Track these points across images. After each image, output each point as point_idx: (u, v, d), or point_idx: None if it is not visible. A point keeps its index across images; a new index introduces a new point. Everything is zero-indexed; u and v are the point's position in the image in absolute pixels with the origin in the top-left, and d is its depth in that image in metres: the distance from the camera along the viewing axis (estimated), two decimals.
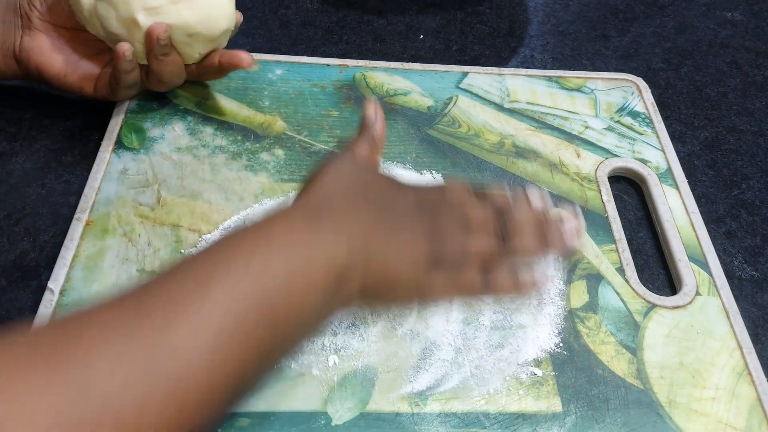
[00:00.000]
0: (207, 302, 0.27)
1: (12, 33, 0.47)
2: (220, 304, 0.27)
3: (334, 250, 0.31)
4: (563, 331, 0.42)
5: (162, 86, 0.49)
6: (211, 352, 0.26)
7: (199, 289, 0.27)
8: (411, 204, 0.36)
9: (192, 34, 0.45)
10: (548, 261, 0.41)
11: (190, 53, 0.47)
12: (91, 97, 0.49)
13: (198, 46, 0.47)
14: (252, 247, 0.30)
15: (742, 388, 0.41)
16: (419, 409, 0.38)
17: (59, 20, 0.47)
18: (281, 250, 0.30)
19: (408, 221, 0.35)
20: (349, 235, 0.32)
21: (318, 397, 0.38)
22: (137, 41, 0.45)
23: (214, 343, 0.26)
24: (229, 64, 0.48)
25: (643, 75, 0.61)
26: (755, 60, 0.66)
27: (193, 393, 0.26)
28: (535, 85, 0.58)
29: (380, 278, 0.34)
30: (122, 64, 0.45)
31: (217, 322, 0.27)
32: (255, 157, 0.49)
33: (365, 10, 0.66)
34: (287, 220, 0.32)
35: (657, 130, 0.56)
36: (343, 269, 0.31)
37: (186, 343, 0.26)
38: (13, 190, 0.47)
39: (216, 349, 0.26)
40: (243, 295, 0.28)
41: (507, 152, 0.52)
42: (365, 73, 0.57)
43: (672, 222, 0.49)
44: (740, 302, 0.45)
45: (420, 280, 0.35)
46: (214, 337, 0.26)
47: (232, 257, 0.29)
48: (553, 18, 0.69)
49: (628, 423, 0.39)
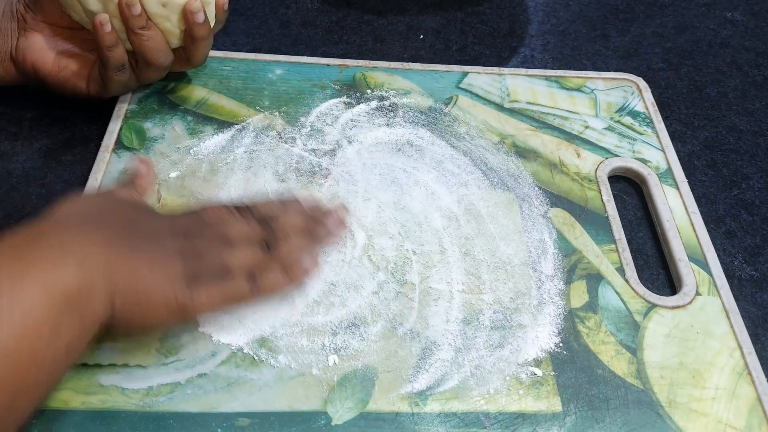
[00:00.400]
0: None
1: (9, 38, 0.48)
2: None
3: (57, 272, 0.29)
4: (563, 331, 0.42)
5: (151, 71, 0.48)
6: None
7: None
8: (162, 228, 0.36)
9: (165, 3, 0.45)
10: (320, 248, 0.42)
11: (170, 29, 0.46)
12: (86, 94, 0.49)
13: (176, 20, 0.46)
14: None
15: (742, 388, 0.41)
16: (419, 409, 0.38)
17: (52, 19, 0.48)
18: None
19: (157, 242, 0.35)
20: (80, 252, 0.30)
21: (318, 397, 0.38)
22: (115, 17, 0.45)
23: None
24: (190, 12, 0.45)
25: (643, 75, 0.61)
26: (755, 60, 0.66)
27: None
28: (535, 85, 0.58)
29: (133, 297, 0.32)
30: (102, 37, 0.44)
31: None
32: (255, 157, 0.49)
33: (365, 10, 0.66)
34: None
35: (657, 130, 0.56)
36: (76, 290, 0.29)
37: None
38: (13, 190, 0.47)
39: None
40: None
41: (507, 152, 0.52)
42: (365, 73, 0.57)
43: (672, 222, 0.49)
44: (740, 302, 0.45)
45: (179, 296, 0.34)
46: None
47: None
48: (553, 18, 0.69)
49: (628, 423, 0.39)
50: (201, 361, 0.38)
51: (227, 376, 0.38)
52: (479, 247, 0.46)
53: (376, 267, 0.44)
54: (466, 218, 0.47)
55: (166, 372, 0.38)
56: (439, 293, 0.43)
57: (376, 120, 0.53)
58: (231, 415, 0.37)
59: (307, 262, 0.39)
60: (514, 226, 0.47)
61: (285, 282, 0.38)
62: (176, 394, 0.37)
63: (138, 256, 0.33)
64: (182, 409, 0.37)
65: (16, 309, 0.28)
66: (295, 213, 0.40)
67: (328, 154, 0.50)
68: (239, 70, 0.56)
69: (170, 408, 0.37)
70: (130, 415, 0.36)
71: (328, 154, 0.50)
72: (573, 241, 0.47)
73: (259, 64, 0.56)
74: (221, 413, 0.37)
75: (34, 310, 0.28)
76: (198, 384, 0.38)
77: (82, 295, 0.30)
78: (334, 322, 0.41)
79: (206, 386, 0.38)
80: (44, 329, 0.28)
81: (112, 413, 0.36)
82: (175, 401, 0.37)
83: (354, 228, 0.46)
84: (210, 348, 0.39)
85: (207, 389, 0.37)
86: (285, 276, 0.38)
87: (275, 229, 0.39)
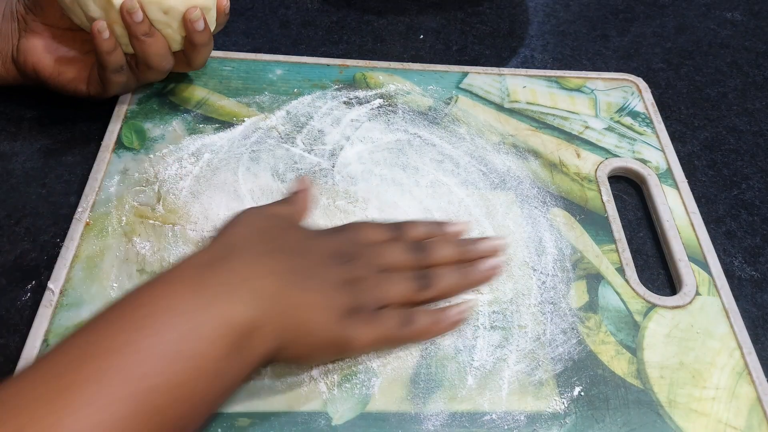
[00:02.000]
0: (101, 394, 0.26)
1: (9, 39, 0.48)
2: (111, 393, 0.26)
3: (231, 308, 0.30)
4: (563, 332, 0.42)
5: (151, 73, 0.48)
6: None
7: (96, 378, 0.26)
8: (326, 251, 0.35)
9: (167, 10, 0.45)
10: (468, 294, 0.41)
11: (171, 35, 0.47)
12: (86, 96, 0.49)
13: (177, 26, 0.46)
14: (132, 331, 0.28)
15: (742, 388, 0.41)
16: (419, 409, 0.38)
17: (53, 20, 0.48)
18: (165, 324, 0.28)
19: (323, 269, 0.34)
20: (255, 286, 0.31)
21: (318, 397, 0.38)
22: (116, 23, 0.45)
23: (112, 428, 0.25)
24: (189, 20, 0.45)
25: (643, 75, 0.61)
26: (755, 60, 0.66)
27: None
28: (535, 85, 0.58)
29: (297, 332, 0.32)
30: (100, 43, 0.44)
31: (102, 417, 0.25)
32: (255, 157, 0.49)
33: (365, 10, 0.66)
34: (177, 282, 0.30)
35: (657, 130, 0.56)
36: (248, 325, 0.30)
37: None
38: (13, 190, 0.47)
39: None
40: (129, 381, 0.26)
41: (507, 152, 0.52)
42: (365, 73, 0.57)
43: (672, 222, 0.49)
44: (740, 302, 0.45)
45: (338, 331, 0.33)
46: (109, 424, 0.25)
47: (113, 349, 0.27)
48: (553, 18, 0.69)
49: (628, 423, 0.39)
50: None
51: None
52: None
53: None
54: (467, 218, 0.47)
55: None
56: None
57: (376, 120, 0.53)
58: (231, 416, 0.37)
59: (458, 312, 0.38)
60: (514, 226, 0.47)
61: (436, 332, 0.37)
62: None
63: (306, 288, 0.33)
64: None
65: (192, 347, 0.28)
66: (447, 244, 0.39)
67: (328, 154, 0.50)
68: (239, 70, 0.56)
69: None
70: None
71: (328, 155, 0.50)
72: (573, 241, 0.47)
73: (259, 64, 0.56)
74: (221, 413, 0.37)
75: (209, 349, 0.28)
76: None
77: (250, 334, 0.30)
78: None
79: None
80: (212, 369, 0.29)
81: None
82: None
83: None
84: None
85: None
86: (436, 323, 0.37)
87: (428, 258, 0.37)
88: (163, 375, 0.27)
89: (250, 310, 0.30)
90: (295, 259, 0.34)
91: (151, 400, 0.26)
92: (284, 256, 0.33)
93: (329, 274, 0.34)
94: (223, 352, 0.29)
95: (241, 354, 0.30)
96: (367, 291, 0.35)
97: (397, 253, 0.37)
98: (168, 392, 0.27)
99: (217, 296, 0.30)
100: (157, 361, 0.27)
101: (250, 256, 0.32)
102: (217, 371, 0.29)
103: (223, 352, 0.29)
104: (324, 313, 0.33)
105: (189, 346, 0.28)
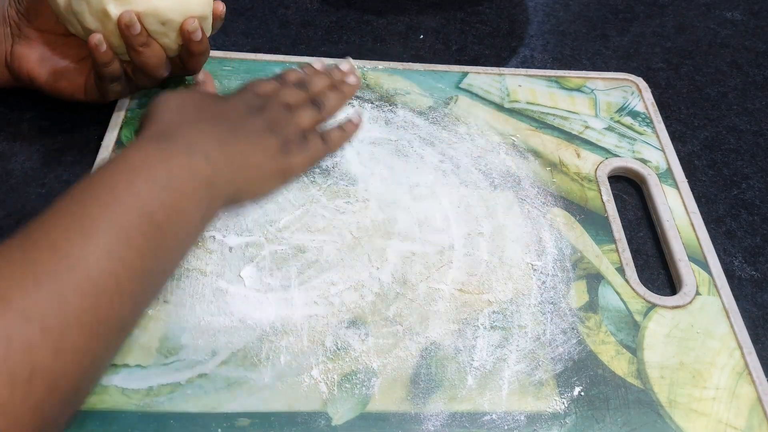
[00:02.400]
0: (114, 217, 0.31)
1: (2, 45, 0.47)
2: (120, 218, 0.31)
3: (195, 166, 0.35)
4: (563, 332, 0.42)
5: (148, 80, 0.48)
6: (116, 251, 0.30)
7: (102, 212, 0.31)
8: (241, 109, 0.41)
9: (164, 22, 0.45)
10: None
11: (168, 44, 0.47)
12: (83, 101, 0.49)
13: (174, 36, 0.46)
14: (127, 175, 0.33)
15: (743, 388, 0.41)
16: (419, 409, 0.38)
17: (47, 27, 0.47)
18: (150, 175, 0.34)
19: (247, 123, 0.40)
20: (203, 150, 0.36)
21: (318, 397, 0.38)
22: (113, 35, 0.45)
23: (117, 245, 0.31)
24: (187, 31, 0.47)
25: (643, 75, 0.61)
26: (755, 60, 0.66)
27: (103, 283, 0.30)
28: (535, 85, 0.58)
29: (247, 176, 0.38)
30: (98, 56, 0.45)
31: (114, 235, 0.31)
32: None
33: (365, 10, 0.66)
34: (143, 152, 0.35)
35: (657, 130, 0.56)
36: (208, 178, 0.35)
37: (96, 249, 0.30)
38: (13, 190, 0.47)
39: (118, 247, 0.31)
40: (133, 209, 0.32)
41: (507, 152, 0.52)
42: (365, 73, 0.57)
43: (672, 222, 0.49)
44: (740, 302, 0.45)
45: (280, 160, 0.40)
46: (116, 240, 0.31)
47: (110, 189, 0.32)
48: (553, 18, 0.69)
49: (628, 423, 0.39)
50: (201, 362, 0.38)
51: (227, 376, 0.38)
52: (479, 248, 0.46)
53: (376, 267, 0.44)
54: (466, 218, 0.47)
55: (166, 372, 0.38)
56: (440, 293, 0.43)
57: (376, 120, 0.53)
58: (231, 416, 0.37)
59: (355, 120, 0.45)
60: (514, 226, 0.47)
61: (346, 136, 0.44)
62: (176, 395, 0.37)
63: (243, 142, 0.39)
64: (182, 410, 0.37)
65: (173, 182, 0.34)
66: (320, 75, 0.46)
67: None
68: (239, 70, 0.56)
69: (170, 408, 0.37)
70: (130, 416, 0.36)
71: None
72: (573, 241, 0.47)
73: (259, 64, 0.56)
74: (221, 413, 0.37)
75: (185, 184, 0.34)
76: (198, 384, 0.38)
77: (212, 179, 0.36)
78: (335, 323, 0.41)
79: (206, 386, 0.38)
80: (193, 200, 0.35)
81: (112, 413, 0.36)
82: (176, 401, 0.37)
83: (354, 228, 0.46)
84: (210, 348, 0.39)
85: (207, 389, 0.37)
86: (344, 131, 0.44)
87: (313, 90, 0.45)
88: (158, 201, 0.33)
89: (206, 162, 0.36)
90: (223, 121, 0.40)
91: (152, 220, 0.32)
92: (214, 121, 0.39)
93: (253, 125, 0.40)
94: (197, 189, 0.35)
95: (210, 192, 0.36)
96: (286, 126, 0.42)
97: (293, 93, 0.44)
98: (163, 212, 0.33)
99: (180, 152, 0.35)
100: (151, 192, 0.33)
101: (189, 126, 0.37)
102: (196, 201, 0.35)
103: (197, 189, 0.35)
104: (261, 153, 0.39)
105: (172, 184, 0.34)
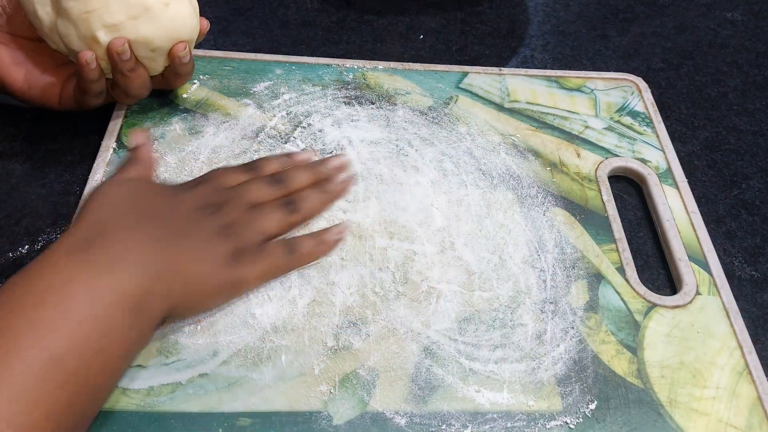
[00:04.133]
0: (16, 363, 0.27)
1: None
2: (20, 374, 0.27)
3: (122, 287, 0.31)
4: (563, 331, 0.42)
5: (129, 99, 0.48)
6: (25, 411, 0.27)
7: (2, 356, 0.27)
8: (192, 206, 0.36)
9: (154, 49, 0.45)
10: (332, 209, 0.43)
11: (155, 67, 0.47)
12: (57, 110, 0.48)
13: (162, 60, 0.46)
14: (37, 301, 0.29)
15: (743, 388, 0.41)
16: (419, 408, 0.38)
17: (20, 31, 0.46)
18: (60, 305, 0.29)
19: (196, 224, 0.35)
20: (135, 261, 0.32)
21: (318, 397, 0.38)
22: (101, 59, 0.44)
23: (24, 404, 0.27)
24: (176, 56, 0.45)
25: (643, 75, 0.61)
26: (755, 60, 0.66)
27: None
28: (535, 85, 0.58)
29: (187, 290, 0.34)
30: (87, 73, 0.43)
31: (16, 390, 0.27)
32: (256, 157, 0.49)
33: (365, 10, 0.66)
34: (61, 269, 0.31)
35: (657, 130, 0.56)
36: (138, 293, 0.31)
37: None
38: (13, 190, 0.47)
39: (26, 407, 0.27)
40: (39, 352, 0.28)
41: (507, 152, 0.52)
42: (365, 73, 0.57)
43: (672, 222, 0.49)
44: (740, 302, 0.45)
45: (228, 274, 0.35)
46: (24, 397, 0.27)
47: (16, 326, 0.28)
48: (553, 18, 0.69)
49: (628, 422, 0.39)
50: (202, 361, 0.38)
51: (228, 375, 0.38)
52: (480, 247, 0.46)
53: (376, 267, 0.44)
54: (467, 218, 0.47)
55: (167, 372, 0.38)
56: (440, 293, 0.43)
57: (376, 120, 0.53)
58: (232, 415, 0.37)
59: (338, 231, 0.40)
60: (514, 225, 0.47)
61: (320, 253, 0.40)
62: (177, 394, 0.37)
63: (185, 246, 0.34)
64: (183, 409, 0.37)
65: (92, 314, 0.29)
66: (302, 169, 0.41)
67: (328, 154, 0.50)
68: (239, 70, 0.56)
69: (171, 408, 0.37)
70: (131, 415, 0.36)
71: (328, 154, 0.50)
72: (573, 240, 0.47)
73: (259, 64, 0.56)
74: (222, 413, 0.37)
75: (108, 311, 0.30)
76: (199, 384, 0.38)
77: (143, 300, 0.31)
78: (335, 322, 0.41)
79: (207, 386, 0.38)
80: (116, 330, 0.30)
81: (112, 413, 0.36)
82: (176, 401, 0.37)
83: (354, 228, 0.46)
84: (211, 348, 0.39)
85: (208, 389, 0.37)
86: (318, 244, 0.39)
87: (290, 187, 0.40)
88: (69, 341, 0.28)
89: (136, 278, 0.31)
90: (167, 220, 0.35)
91: (62, 368, 0.28)
92: (156, 221, 0.34)
93: (203, 226, 0.36)
94: (121, 317, 0.31)
95: (139, 317, 0.31)
96: (244, 230, 0.36)
97: (261, 188, 0.39)
98: (77, 357, 0.28)
99: (102, 270, 0.31)
100: (62, 330, 0.28)
101: (124, 229, 0.33)
102: (119, 333, 0.30)
103: (121, 317, 0.31)
104: (208, 263, 0.34)
105: (89, 313, 0.29)
